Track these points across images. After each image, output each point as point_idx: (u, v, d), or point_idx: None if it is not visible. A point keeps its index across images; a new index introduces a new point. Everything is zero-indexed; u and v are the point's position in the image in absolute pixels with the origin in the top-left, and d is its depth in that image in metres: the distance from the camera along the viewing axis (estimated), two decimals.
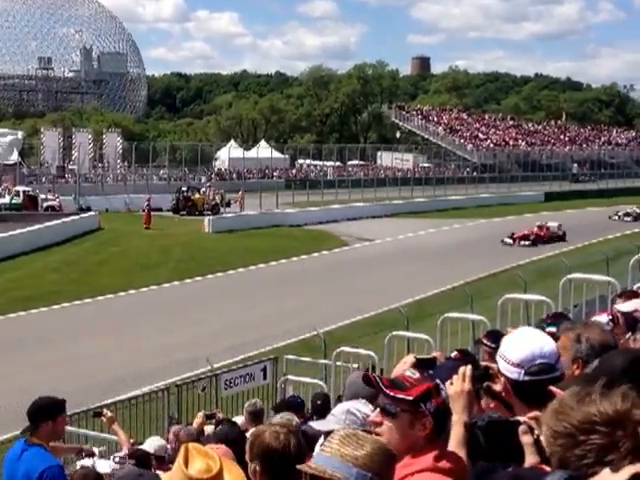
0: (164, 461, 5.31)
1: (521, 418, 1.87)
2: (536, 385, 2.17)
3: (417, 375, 2.15)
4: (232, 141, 61.14)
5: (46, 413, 4.09)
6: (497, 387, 2.35)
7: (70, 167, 45.34)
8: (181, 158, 52.04)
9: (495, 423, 1.85)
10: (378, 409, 2.14)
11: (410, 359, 2.55)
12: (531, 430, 1.75)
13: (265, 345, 14.98)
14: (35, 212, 33.87)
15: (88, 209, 36.01)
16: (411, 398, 2.05)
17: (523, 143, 71.12)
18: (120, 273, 23.87)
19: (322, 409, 5.85)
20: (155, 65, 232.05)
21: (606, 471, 1.08)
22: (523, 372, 2.29)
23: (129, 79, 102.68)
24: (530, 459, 1.71)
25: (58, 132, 48.82)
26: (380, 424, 2.09)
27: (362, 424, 2.68)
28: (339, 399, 5.77)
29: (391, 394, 2.07)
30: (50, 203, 35.65)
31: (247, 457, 2.59)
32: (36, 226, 28.77)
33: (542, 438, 1.68)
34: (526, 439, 1.73)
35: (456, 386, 2.24)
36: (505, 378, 2.30)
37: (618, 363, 1.92)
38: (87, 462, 5.90)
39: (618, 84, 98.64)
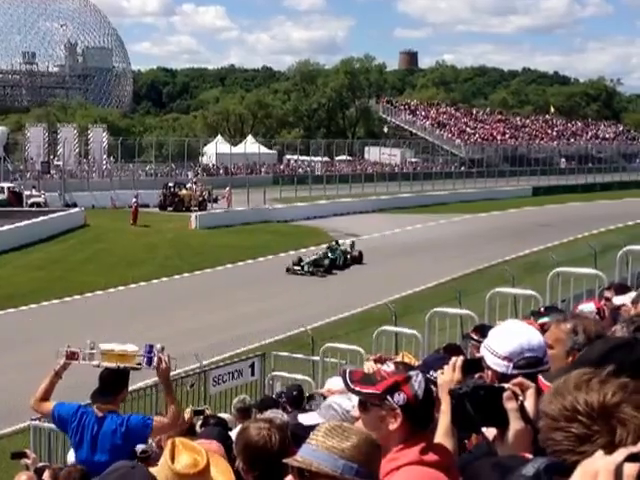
0: (149, 458, 5.25)
1: (505, 385, 1.85)
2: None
3: (391, 368, 2.12)
4: (219, 136, 60.80)
5: (124, 381, 4.35)
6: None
7: (55, 163, 44.91)
8: (168, 153, 51.72)
9: (480, 388, 1.83)
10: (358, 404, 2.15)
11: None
12: (515, 396, 1.74)
13: (253, 342, 14.92)
14: (20, 208, 33.54)
15: (74, 205, 35.72)
16: (378, 392, 2.03)
17: (511, 138, 71.35)
18: (106, 270, 23.69)
19: (298, 400, 5.88)
20: (140, 60, 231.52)
21: (599, 453, 1.05)
22: (511, 365, 2.28)
23: (114, 74, 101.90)
24: (515, 425, 1.70)
25: (43, 127, 48.29)
26: (358, 419, 2.10)
27: (342, 419, 2.66)
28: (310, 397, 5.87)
29: (356, 389, 2.06)
30: (35, 199, 35.34)
31: (235, 453, 2.60)
32: (21, 223, 28.44)
33: (527, 404, 1.69)
34: (510, 405, 1.72)
35: (446, 375, 2.23)
36: (492, 371, 2.27)
37: (596, 350, 1.91)
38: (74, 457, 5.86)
39: (605, 78, 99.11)
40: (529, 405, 1.73)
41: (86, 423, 4.25)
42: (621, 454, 0.99)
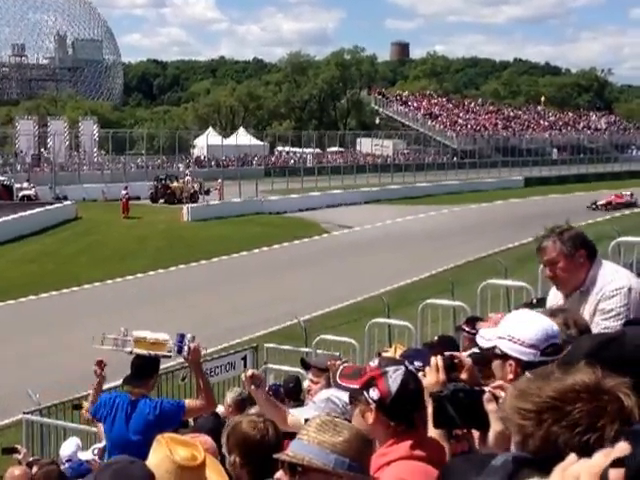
0: None
1: (486, 388, 1.86)
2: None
3: (376, 363, 2.17)
4: (210, 128, 60.59)
5: (155, 367, 4.53)
6: (463, 376, 2.29)
7: (46, 156, 44.68)
8: (159, 146, 51.50)
9: (459, 391, 1.85)
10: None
11: None
12: (495, 398, 1.75)
13: (245, 334, 14.89)
14: (10, 202, 33.33)
15: (65, 198, 35.55)
16: (357, 387, 2.07)
17: (503, 128, 71.40)
18: (98, 263, 23.61)
19: (295, 392, 5.84)
20: (131, 52, 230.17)
21: (573, 457, 1.03)
22: (539, 353, 2.25)
23: (105, 66, 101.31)
24: (495, 426, 1.70)
25: (33, 120, 47.98)
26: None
27: (342, 412, 2.65)
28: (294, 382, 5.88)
29: (342, 384, 2.15)
30: (26, 192, 35.14)
31: (224, 449, 2.58)
32: (11, 216, 28.30)
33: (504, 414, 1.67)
34: (491, 407, 1.73)
35: (429, 377, 2.21)
36: (515, 361, 2.25)
37: (585, 346, 1.88)
38: (67, 450, 5.84)
39: (597, 69, 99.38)
40: None
41: (119, 405, 4.44)
42: (600, 458, 0.96)
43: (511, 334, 2.27)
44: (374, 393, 2.05)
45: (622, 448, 0.97)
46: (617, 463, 0.94)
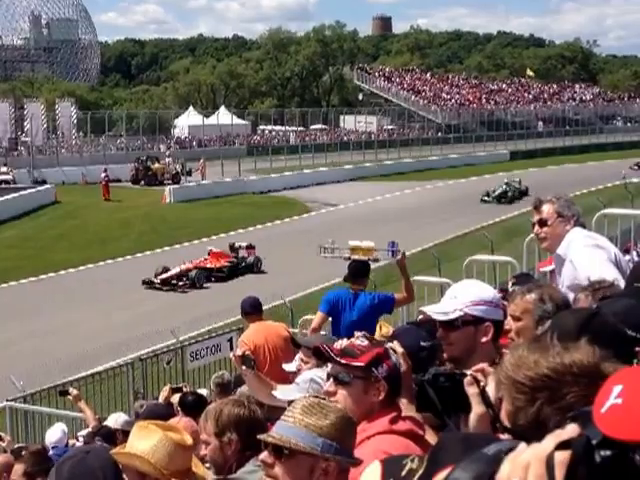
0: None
1: (467, 371, 1.88)
2: None
3: (366, 342, 2.20)
4: (191, 108, 59.95)
5: (367, 269, 5.64)
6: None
7: (23, 139, 44.00)
8: (138, 127, 50.83)
9: (440, 375, 1.92)
10: (331, 379, 2.18)
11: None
12: (476, 382, 1.75)
13: (231, 315, 14.78)
14: None
15: (43, 182, 35.11)
16: (363, 364, 2.10)
17: (487, 102, 71.24)
18: (79, 247, 23.36)
19: None
20: (107, 31, 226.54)
21: (522, 445, 0.98)
22: (502, 312, 2.45)
23: (81, 46, 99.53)
24: (476, 409, 1.73)
25: (8, 103, 47.15)
26: (334, 394, 2.12)
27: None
28: None
29: (344, 362, 2.12)
30: (3, 177, 34.67)
31: (210, 432, 2.53)
32: None
33: (489, 389, 1.71)
34: (471, 390, 1.76)
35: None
36: (490, 321, 2.34)
37: (570, 322, 1.92)
38: (54, 436, 5.76)
39: (581, 40, 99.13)
40: (490, 389, 1.73)
41: (343, 299, 5.51)
42: (549, 441, 0.92)
43: (475, 299, 2.33)
44: (383, 369, 2.11)
45: (571, 430, 0.93)
46: (563, 446, 0.90)
